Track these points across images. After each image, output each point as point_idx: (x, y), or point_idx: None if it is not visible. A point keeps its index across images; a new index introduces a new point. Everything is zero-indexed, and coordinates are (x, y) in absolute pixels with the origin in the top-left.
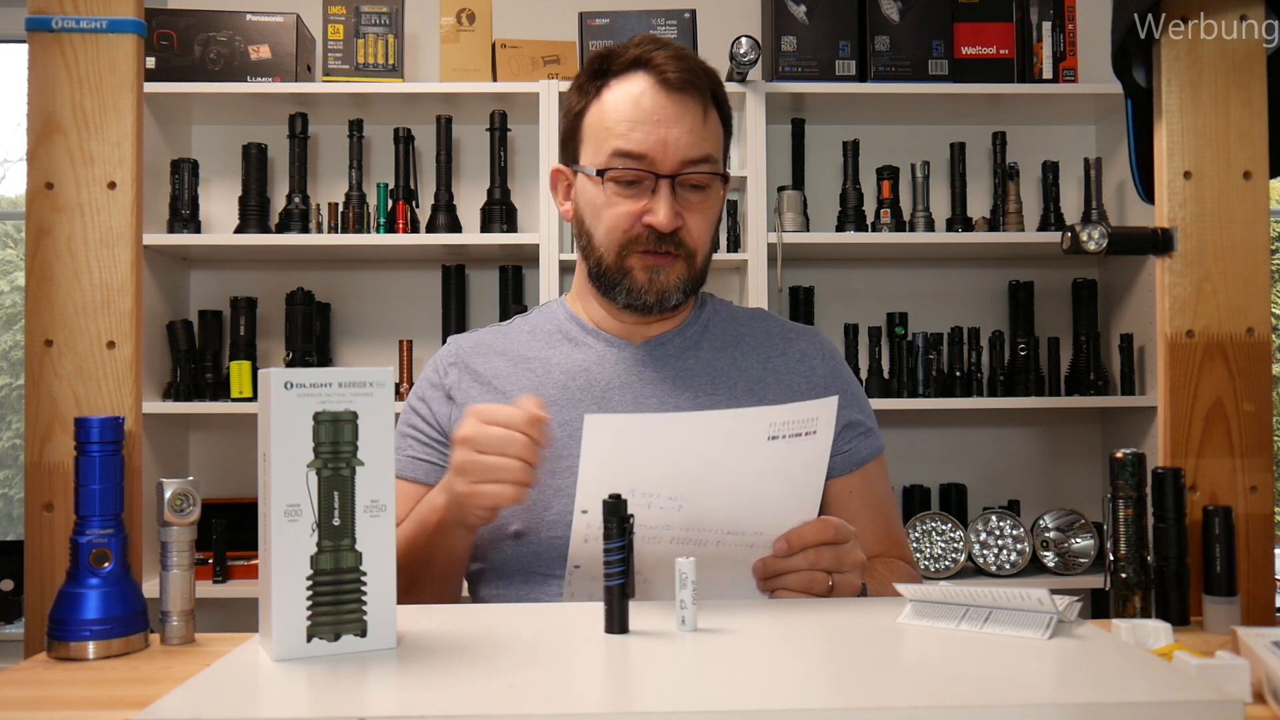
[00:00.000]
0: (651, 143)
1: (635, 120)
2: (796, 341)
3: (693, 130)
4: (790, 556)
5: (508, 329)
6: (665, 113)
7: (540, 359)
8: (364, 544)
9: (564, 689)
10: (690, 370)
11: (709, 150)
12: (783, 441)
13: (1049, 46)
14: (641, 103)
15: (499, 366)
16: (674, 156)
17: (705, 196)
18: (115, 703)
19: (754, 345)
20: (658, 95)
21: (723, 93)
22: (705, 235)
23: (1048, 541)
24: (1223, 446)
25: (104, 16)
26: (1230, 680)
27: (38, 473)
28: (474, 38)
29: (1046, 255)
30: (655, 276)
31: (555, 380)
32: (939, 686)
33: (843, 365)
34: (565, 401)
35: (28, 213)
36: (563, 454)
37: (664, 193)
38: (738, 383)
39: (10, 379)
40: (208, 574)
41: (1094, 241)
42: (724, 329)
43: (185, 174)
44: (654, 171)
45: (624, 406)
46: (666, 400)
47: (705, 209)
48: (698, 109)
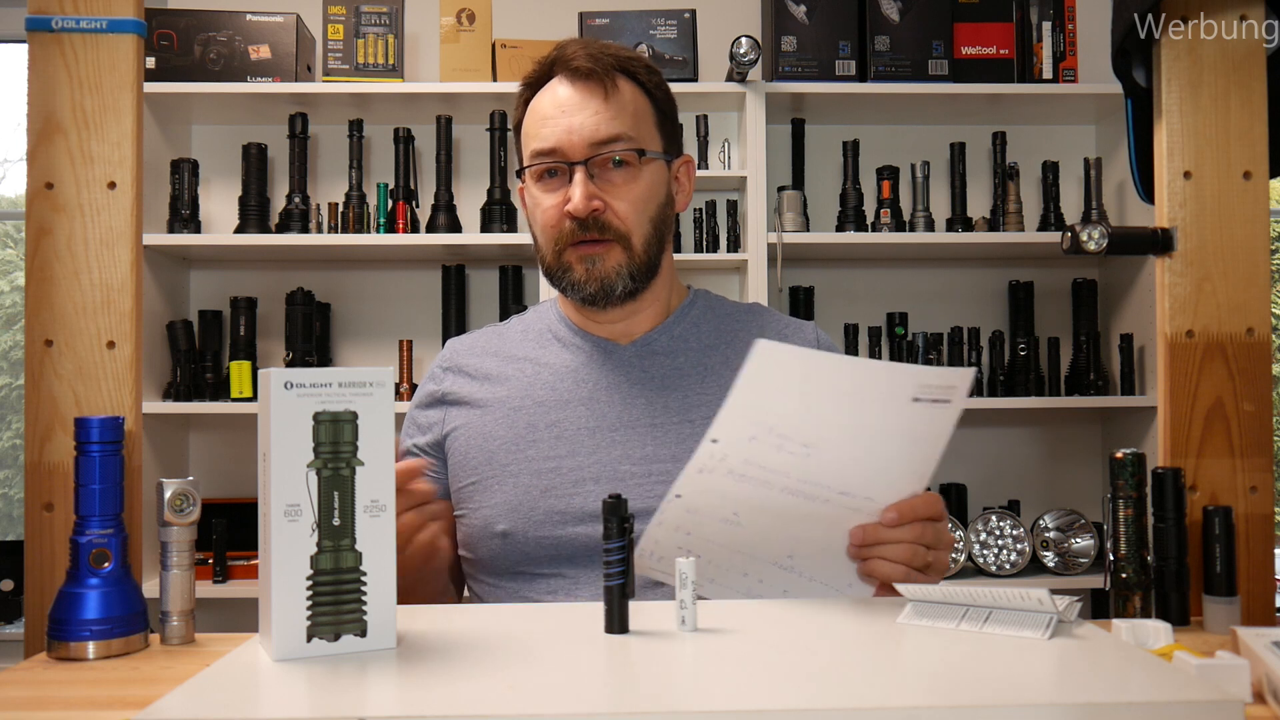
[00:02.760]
0: (559, 134)
1: (543, 118)
2: (792, 338)
3: (598, 113)
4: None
5: (504, 329)
6: (570, 103)
7: (531, 359)
8: (364, 544)
9: (564, 689)
10: (679, 369)
11: (620, 129)
12: (924, 405)
13: (1049, 46)
14: (550, 101)
15: (491, 366)
16: (580, 142)
17: (629, 175)
18: (115, 703)
19: (746, 341)
20: (565, 89)
21: (642, 71)
22: (635, 215)
23: (1048, 541)
24: (1223, 446)
25: (104, 16)
26: (1230, 680)
27: (38, 473)
28: (474, 38)
29: (1046, 255)
30: (591, 267)
31: (544, 380)
32: (939, 686)
33: None
34: (554, 402)
35: (28, 213)
36: (549, 455)
37: (576, 178)
38: (728, 381)
39: (10, 379)
40: (208, 574)
41: (1094, 241)
42: (715, 325)
43: (185, 174)
44: (565, 160)
45: (612, 408)
46: (655, 400)
47: (629, 188)
48: (600, 92)
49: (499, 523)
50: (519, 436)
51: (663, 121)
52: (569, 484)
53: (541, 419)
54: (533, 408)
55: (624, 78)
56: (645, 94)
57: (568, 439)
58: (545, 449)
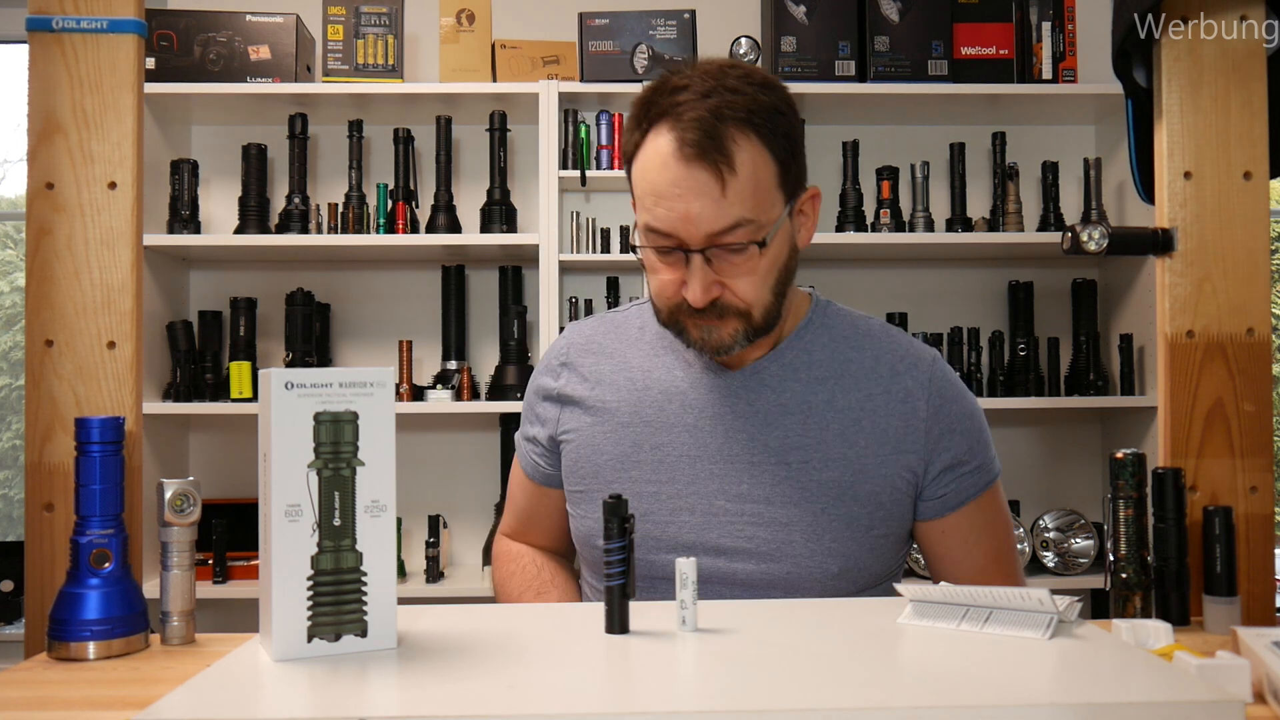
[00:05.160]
0: (675, 220)
1: (658, 195)
2: (904, 376)
3: (715, 201)
4: None
5: (623, 323)
6: (683, 186)
7: (642, 370)
8: (364, 544)
9: (564, 689)
10: (784, 406)
11: (738, 215)
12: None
13: (1049, 46)
14: (663, 174)
15: (605, 369)
16: (699, 232)
17: (747, 257)
18: (115, 703)
19: (857, 378)
20: (675, 167)
21: (762, 116)
22: (755, 292)
23: (1048, 541)
24: (1223, 446)
25: (104, 17)
26: (1230, 680)
27: (38, 473)
28: (474, 38)
29: (1046, 255)
30: (707, 335)
31: (652, 399)
32: (939, 686)
33: (952, 402)
34: (660, 424)
35: (28, 213)
36: (651, 479)
37: (695, 267)
38: (830, 424)
39: (10, 379)
40: (208, 574)
41: (1094, 242)
42: (829, 352)
43: (185, 174)
44: (683, 248)
45: (715, 438)
46: (756, 437)
47: (748, 270)
48: (714, 178)
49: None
50: (624, 455)
51: (785, 174)
52: (666, 512)
53: (647, 440)
54: (640, 426)
55: (741, 133)
56: (765, 147)
57: (669, 465)
58: (648, 471)
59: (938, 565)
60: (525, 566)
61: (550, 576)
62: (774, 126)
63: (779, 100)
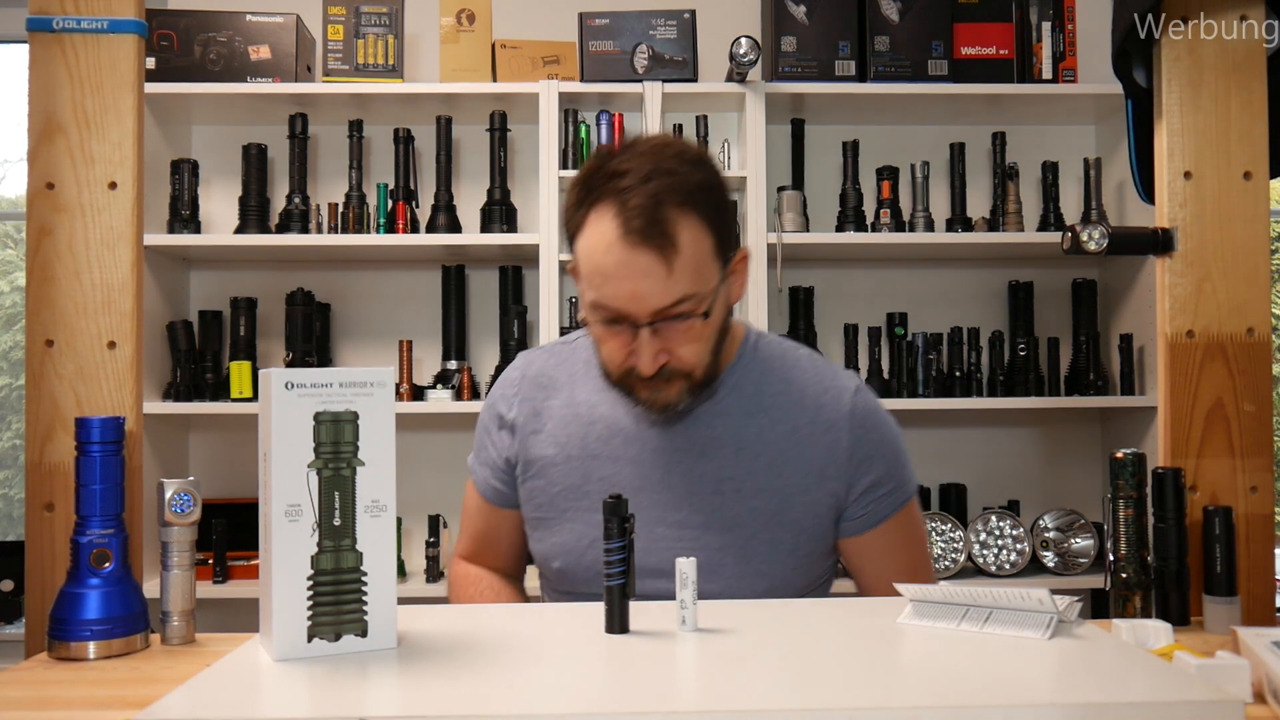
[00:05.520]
0: (623, 299)
1: (605, 276)
2: (827, 408)
3: (661, 280)
4: None
5: (570, 355)
6: (630, 268)
7: (588, 404)
8: (365, 544)
9: (564, 689)
10: (717, 440)
11: (682, 292)
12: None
13: (1049, 46)
14: (609, 257)
15: (554, 406)
16: (646, 309)
17: (691, 324)
18: (115, 703)
19: (785, 410)
20: (621, 250)
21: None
22: (697, 354)
23: (1048, 541)
24: (1223, 446)
25: (105, 17)
26: (1230, 680)
27: (38, 473)
28: (474, 38)
29: (1046, 255)
30: (655, 395)
31: (598, 434)
32: (939, 686)
33: (872, 430)
34: (606, 457)
35: (28, 213)
36: (598, 508)
37: (643, 339)
38: (759, 456)
39: (10, 379)
40: (208, 574)
41: (1094, 241)
42: (759, 387)
43: (185, 174)
44: (631, 322)
45: (655, 470)
46: (692, 469)
47: (692, 337)
48: (659, 260)
49: (555, 560)
50: (574, 486)
51: (720, 244)
52: None
53: (595, 471)
54: (588, 459)
55: (682, 213)
56: (703, 222)
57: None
58: (595, 501)
59: (858, 577)
60: (484, 591)
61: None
62: (709, 202)
63: (711, 175)
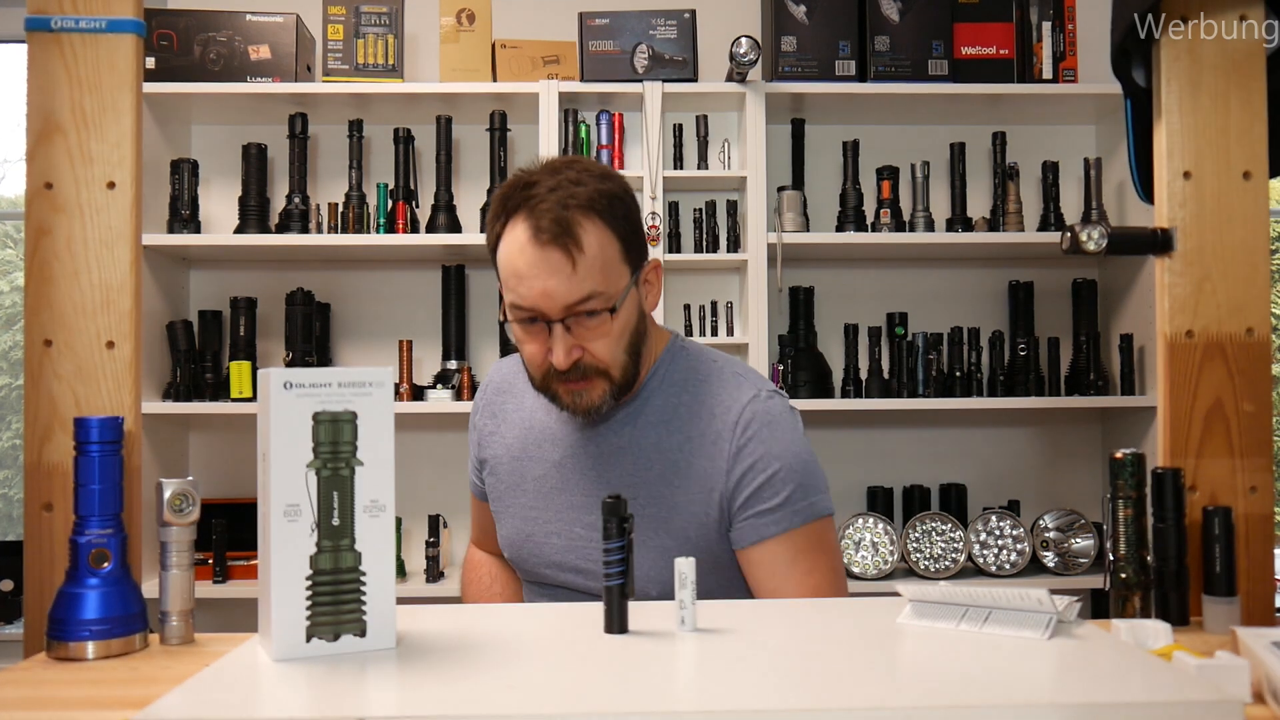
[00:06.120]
0: (535, 296)
1: (519, 276)
2: (717, 419)
3: (569, 277)
4: None
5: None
6: (540, 267)
7: (531, 410)
8: (363, 544)
9: (563, 689)
10: (622, 449)
11: (589, 289)
12: None
13: (1049, 46)
14: (522, 258)
15: (509, 410)
16: (557, 305)
17: (602, 320)
18: (115, 703)
19: (683, 421)
20: (532, 251)
21: (603, 203)
22: (612, 352)
23: (1048, 541)
24: (1223, 446)
25: (103, 16)
26: (1230, 680)
27: (37, 473)
28: (474, 38)
29: (1046, 255)
30: (578, 399)
31: (535, 438)
32: (939, 686)
33: (759, 443)
34: (538, 459)
35: (27, 213)
36: (532, 505)
37: (557, 334)
38: (653, 465)
39: (10, 379)
40: (207, 574)
41: (1094, 241)
42: (664, 398)
43: (185, 174)
44: (544, 319)
45: (574, 473)
46: (605, 473)
47: (602, 333)
48: (566, 258)
49: (505, 550)
50: (516, 484)
51: (628, 248)
52: (542, 534)
53: (530, 471)
54: (526, 461)
55: (586, 217)
56: (608, 228)
57: (544, 494)
58: (530, 498)
59: (753, 592)
60: (481, 577)
61: (500, 590)
62: (614, 210)
63: (617, 187)
